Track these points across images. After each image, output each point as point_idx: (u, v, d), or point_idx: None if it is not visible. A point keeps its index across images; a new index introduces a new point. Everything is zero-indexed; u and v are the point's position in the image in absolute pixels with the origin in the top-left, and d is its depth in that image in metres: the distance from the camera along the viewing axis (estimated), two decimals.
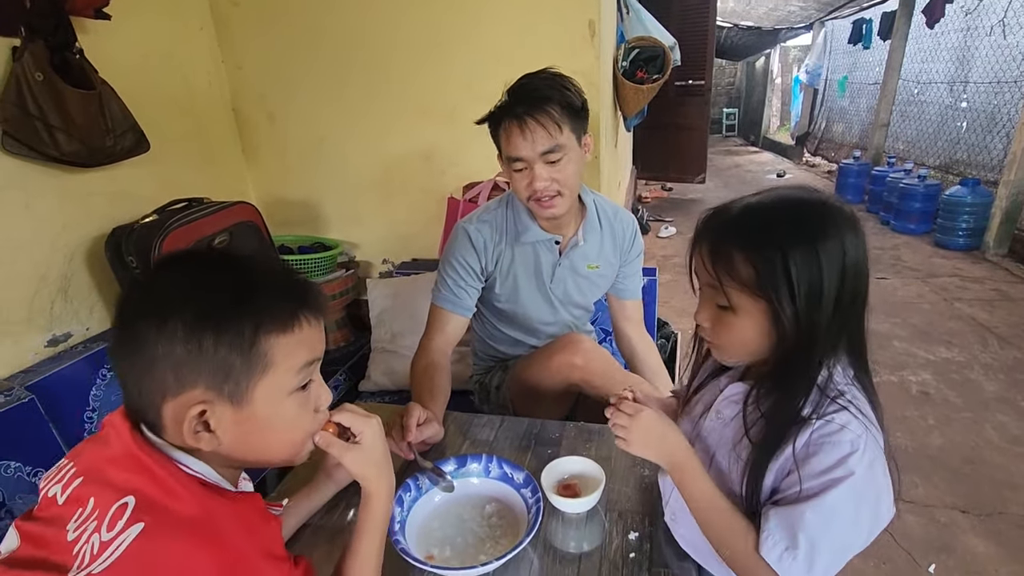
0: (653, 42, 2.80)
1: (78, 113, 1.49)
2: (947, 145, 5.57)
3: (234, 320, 0.54)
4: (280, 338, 0.56)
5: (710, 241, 0.67)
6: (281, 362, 0.56)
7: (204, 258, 0.60)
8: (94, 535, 0.48)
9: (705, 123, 5.67)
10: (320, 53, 2.14)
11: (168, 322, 0.52)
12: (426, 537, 0.85)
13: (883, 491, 0.63)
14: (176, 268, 0.57)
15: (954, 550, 1.67)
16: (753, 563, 0.64)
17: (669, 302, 3.40)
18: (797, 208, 0.65)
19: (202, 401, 0.53)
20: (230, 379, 0.54)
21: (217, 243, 1.73)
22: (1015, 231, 4.10)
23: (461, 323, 1.29)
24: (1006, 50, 4.65)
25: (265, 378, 0.56)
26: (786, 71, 10.71)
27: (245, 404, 0.55)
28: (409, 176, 2.26)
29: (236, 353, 0.54)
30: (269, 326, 0.55)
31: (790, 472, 0.64)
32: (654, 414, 0.73)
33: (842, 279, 0.62)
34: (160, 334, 0.52)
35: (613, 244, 1.36)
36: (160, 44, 1.92)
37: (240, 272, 0.57)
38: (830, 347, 0.65)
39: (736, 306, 0.65)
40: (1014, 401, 2.39)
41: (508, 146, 1.14)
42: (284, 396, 0.58)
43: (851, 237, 0.63)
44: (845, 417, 0.63)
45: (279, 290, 0.58)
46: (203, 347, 0.52)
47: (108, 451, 0.54)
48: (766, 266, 0.62)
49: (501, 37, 1.99)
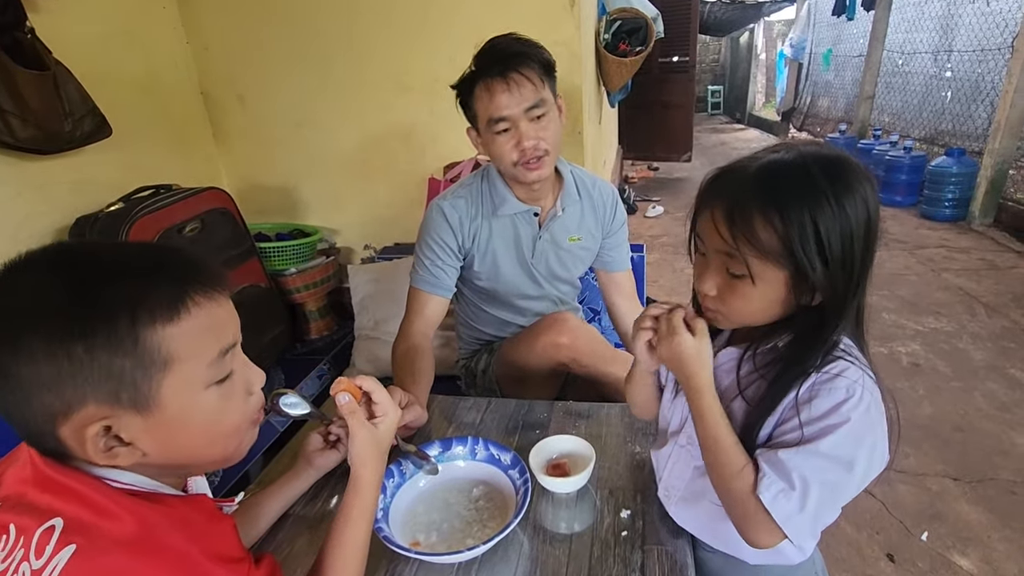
0: (635, 13, 2.73)
1: (32, 96, 1.41)
2: (932, 116, 5.58)
3: (102, 318, 0.46)
4: (168, 328, 0.48)
5: (726, 203, 0.61)
6: (184, 355, 0.49)
7: (43, 257, 0.49)
8: (23, 563, 0.44)
9: (690, 100, 5.62)
10: (291, 32, 2.05)
11: (22, 340, 0.44)
12: (411, 523, 0.82)
13: (879, 437, 0.62)
14: (12, 276, 0.47)
15: (946, 517, 1.67)
16: (748, 503, 0.63)
17: (657, 281, 3.39)
18: (819, 164, 0.60)
19: (102, 417, 0.47)
20: (124, 385, 0.47)
21: (188, 231, 1.66)
22: (1000, 200, 4.12)
23: (442, 304, 1.25)
24: (989, 17, 4.63)
25: (169, 376, 0.48)
26: (770, 46, 10.66)
27: (154, 409, 0.48)
28: (389, 158, 2.20)
29: (119, 355, 0.46)
30: (147, 317, 0.47)
31: (785, 420, 0.63)
32: (691, 340, 0.68)
33: (867, 237, 0.60)
34: (16, 357, 0.44)
35: (594, 215, 1.32)
36: (119, 23, 1.83)
37: (94, 262, 0.49)
38: (850, 307, 0.62)
39: (756, 274, 0.61)
40: (1002, 368, 2.41)
41: (491, 106, 1.10)
42: (200, 391, 0.51)
43: (871, 191, 0.60)
44: (842, 365, 0.62)
45: (150, 272, 0.49)
46: (74, 358, 0.45)
47: (24, 473, 0.49)
48: (794, 230, 0.57)
49: (479, 9, 1.93)
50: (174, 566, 0.46)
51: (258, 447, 1.60)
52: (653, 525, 0.80)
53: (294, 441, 1.05)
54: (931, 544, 1.58)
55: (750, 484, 0.63)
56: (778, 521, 0.61)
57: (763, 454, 0.63)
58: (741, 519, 0.65)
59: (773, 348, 0.67)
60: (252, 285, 1.86)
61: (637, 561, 0.74)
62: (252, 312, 1.85)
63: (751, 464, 0.64)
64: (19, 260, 0.48)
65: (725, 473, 0.65)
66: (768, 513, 0.61)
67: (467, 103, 1.15)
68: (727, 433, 0.66)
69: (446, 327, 1.64)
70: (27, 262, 0.48)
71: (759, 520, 0.62)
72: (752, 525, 0.63)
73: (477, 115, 1.14)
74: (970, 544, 1.57)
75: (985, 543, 1.57)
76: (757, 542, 0.64)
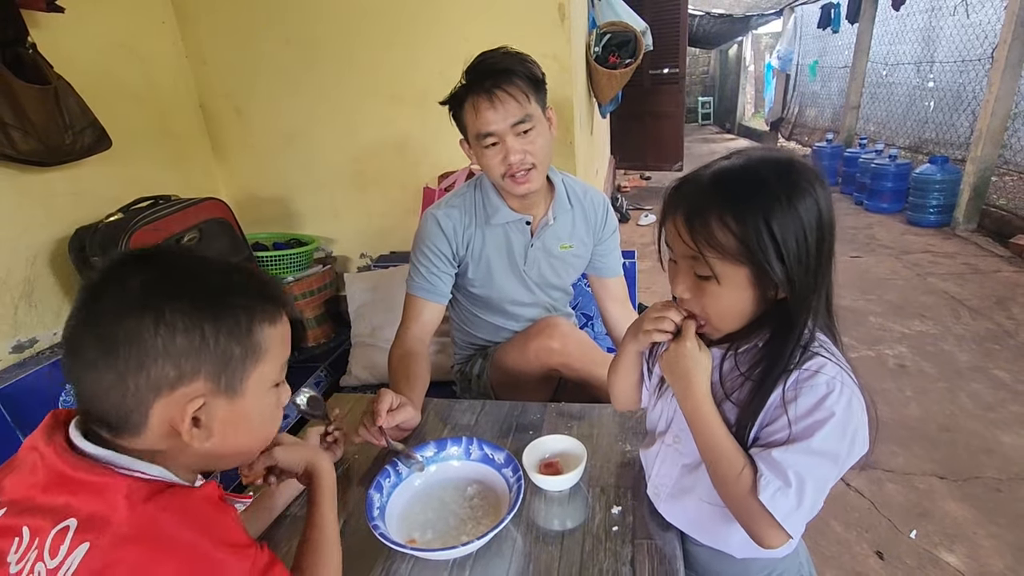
0: (624, 27, 2.79)
1: (33, 110, 1.43)
2: (916, 125, 5.69)
3: (229, 308, 0.54)
4: (270, 329, 0.57)
5: (685, 210, 0.65)
6: (271, 352, 0.58)
7: (173, 253, 0.59)
8: (38, 564, 0.46)
9: (680, 111, 5.70)
10: (287, 47, 2.09)
11: (165, 313, 0.51)
12: (407, 521, 0.84)
13: (860, 426, 0.65)
14: (149, 263, 0.55)
15: (933, 515, 1.70)
16: (751, 504, 0.65)
17: (650, 288, 3.42)
18: (769, 168, 0.64)
19: (203, 394, 0.53)
20: (228, 369, 0.54)
21: (186, 241, 1.69)
22: (983, 206, 4.20)
23: (437, 311, 1.27)
24: (969, 29, 4.75)
25: (257, 368, 0.57)
26: (758, 58, 10.83)
27: (238, 396, 0.56)
28: (384, 168, 2.23)
29: (235, 342, 0.54)
30: (261, 315, 0.57)
31: (771, 420, 0.66)
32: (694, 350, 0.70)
33: (820, 233, 0.63)
34: (158, 326, 0.50)
35: (585, 223, 1.35)
36: (119, 38, 1.86)
37: (221, 265, 0.58)
38: (814, 301, 0.65)
39: (719, 274, 0.64)
40: (986, 369, 2.45)
41: (478, 122, 1.12)
42: (268, 388, 0.60)
43: (821, 190, 0.64)
44: (819, 361, 0.65)
45: (261, 283, 0.59)
46: (205, 335, 0.52)
47: (34, 478, 0.51)
48: (750, 231, 0.61)
49: (471, 21, 1.97)
50: (185, 558, 0.48)
51: None
52: (643, 520, 0.82)
53: None
54: (919, 541, 1.61)
55: (749, 485, 0.65)
56: (779, 519, 0.63)
57: (758, 455, 0.65)
58: (747, 522, 0.66)
59: (754, 348, 0.70)
60: None
61: (627, 555, 0.76)
62: None
63: (749, 466, 0.66)
64: (139, 253, 0.56)
65: (727, 477, 0.67)
66: (770, 513, 0.63)
67: (458, 116, 1.18)
68: (725, 437, 0.68)
69: (441, 333, 1.67)
70: (149, 256, 0.56)
71: (763, 521, 0.64)
72: (758, 527, 0.65)
73: (467, 128, 1.17)
74: (957, 541, 1.60)
75: (972, 540, 1.60)
76: (767, 543, 0.65)
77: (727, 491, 0.68)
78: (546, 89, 1.18)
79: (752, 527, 0.66)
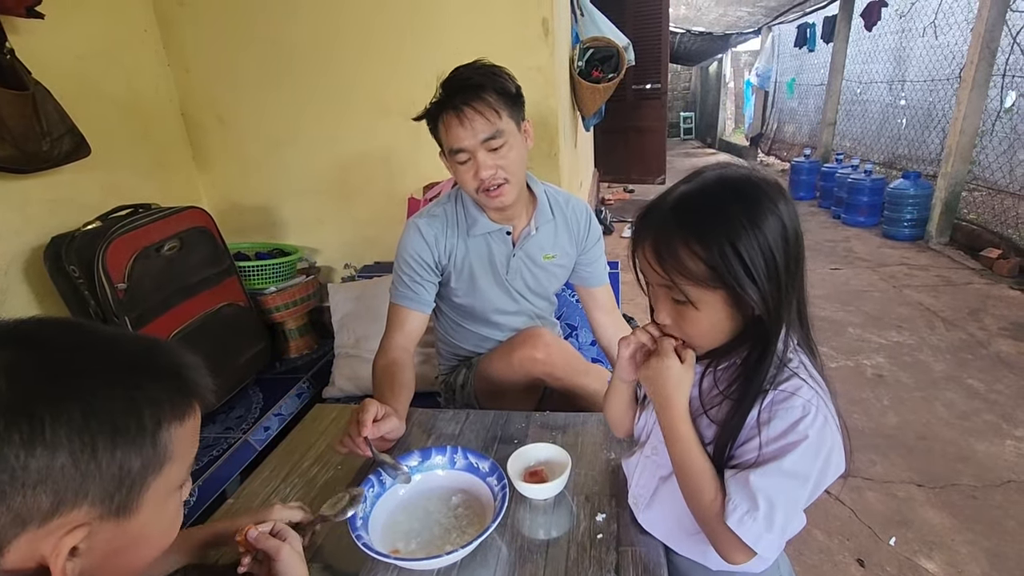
0: (607, 42, 2.85)
1: (10, 115, 1.41)
2: (889, 141, 5.86)
3: (133, 413, 0.43)
4: (178, 429, 0.47)
5: (652, 240, 0.66)
6: (178, 455, 0.47)
7: (65, 327, 0.46)
8: None
9: (663, 125, 5.80)
10: (271, 55, 2.09)
11: (46, 429, 0.39)
12: (391, 531, 0.83)
13: (835, 448, 0.65)
14: (29, 345, 0.42)
15: (912, 523, 1.73)
16: (718, 527, 0.65)
17: (634, 299, 3.44)
18: (728, 190, 0.64)
19: (86, 522, 0.42)
20: (122, 487, 0.43)
21: (167, 250, 1.66)
22: (955, 220, 4.33)
23: (421, 320, 1.27)
24: (938, 50, 4.93)
25: (160, 476, 0.46)
26: (738, 75, 11.09)
27: (132, 513, 0.45)
28: (369, 178, 2.23)
29: (135, 453, 0.43)
30: (171, 414, 0.46)
31: (746, 441, 0.66)
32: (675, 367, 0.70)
33: (786, 247, 0.63)
34: (32, 446, 0.39)
35: (568, 232, 1.36)
36: (100, 45, 1.84)
37: (129, 345, 0.47)
38: (787, 313, 0.65)
39: (695, 300, 0.65)
40: (961, 379, 2.51)
41: (449, 138, 1.13)
42: (170, 495, 0.49)
43: (783, 204, 0.64)
44: (796, 383, 0.65)
45: (175, 368, 0.48)
46: (97, 454, 0.41)
47: None
48: (716, 256, 0.61)
49: (456, 34, 1.99)
50: None
51: (235, 466, 1.59)
52: (627, 528, 0.82)
53: (271, 457, 1.05)
54: (899, 549, 1.63)
55: (718, 508, 0.65)
56: (748, 543, 0.63)
57: (729, 478, 0.65)
58: (715, 542, 0.67)
59: (732, 365, 0.70)
60: (231, 304, 1.86)
61: (612, 562, 0.76)
62: (231, 331, 1.84)
63: (720, 489, 0.66)
64: (20, 333, 0.44)
65: (695, 495, 0.68)
66: (737, 536, 0.63)
67: (433, 131, 1.18)
68: (699, 455, 0.68)
69: (426, 344, 1.66)
70: (32, 337, 0.44)
71: (731, 544, 0.65)
72: (724, 548, 0.66)
73: (441, 143, 1.18)
74: (935, 548, 1.63)
75: (949, 547, 1.63)
76: (734, 562, 0.66)
77: (695, 509, 0.68)
78: (523, 102, 1.18)
79: (719, 547, 0.67)
